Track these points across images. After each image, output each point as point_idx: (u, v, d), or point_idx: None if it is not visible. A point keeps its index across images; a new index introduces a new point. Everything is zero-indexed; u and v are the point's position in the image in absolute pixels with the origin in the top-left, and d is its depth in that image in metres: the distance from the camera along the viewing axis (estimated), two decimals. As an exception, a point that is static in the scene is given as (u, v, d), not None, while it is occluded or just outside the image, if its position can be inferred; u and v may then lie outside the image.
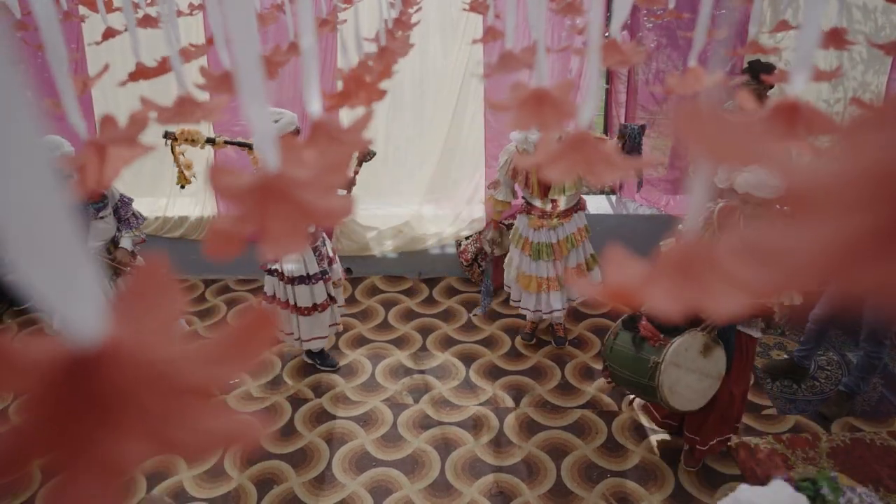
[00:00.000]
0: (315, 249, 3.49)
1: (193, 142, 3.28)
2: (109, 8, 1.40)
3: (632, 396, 3.58)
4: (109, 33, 1.19)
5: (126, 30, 0.93)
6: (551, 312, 3.87)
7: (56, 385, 0.27)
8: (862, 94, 4.04)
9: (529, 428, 3.45)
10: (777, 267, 0.26)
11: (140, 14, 1.39)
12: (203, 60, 4.11)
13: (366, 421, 3.54)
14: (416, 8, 1.70)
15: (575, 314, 4.40)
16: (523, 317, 4.42)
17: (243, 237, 0.41)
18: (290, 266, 3.44)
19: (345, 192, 3.55)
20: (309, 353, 3.93)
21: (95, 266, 0.28)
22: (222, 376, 0.29)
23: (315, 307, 3.54)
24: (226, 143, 3.32)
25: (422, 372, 3.91)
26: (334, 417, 3.57)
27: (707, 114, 0.36)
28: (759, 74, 3.36)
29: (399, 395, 3.73)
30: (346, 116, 3.72)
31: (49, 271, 0.27)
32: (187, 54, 0.96)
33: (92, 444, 0.26)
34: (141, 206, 4.91)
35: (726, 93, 3.13)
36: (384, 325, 4.34)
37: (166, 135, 3.47)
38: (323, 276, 3.54)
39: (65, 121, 0.55)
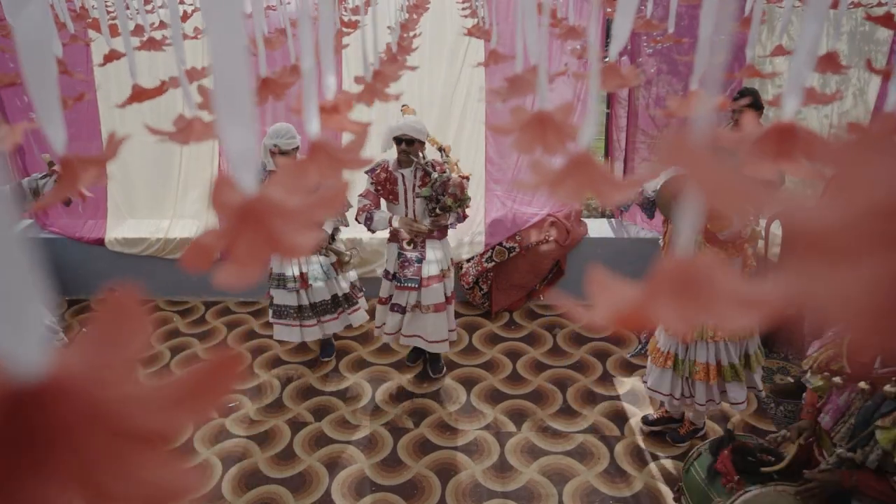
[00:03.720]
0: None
1: None
2: (114, 32, 1.42)
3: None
4: (112, 56, 1.20)
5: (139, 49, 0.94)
6: (706, 403, 3.06)
7: None
8: (845, 96, 4.04)
9: (531, 452, 3.41)
10: (792, 287, 0.26)
11: (145, 37, 1.41)
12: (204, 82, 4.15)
13: (366, 445, 3.51)
14: (414, 33, 1.72)
15: (576, 337, 4.38)
16: (526, 339, 4.42)
17: (215, 255, 0.39)
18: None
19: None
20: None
21: (40, 297, 0.27)
22: (173, 422, 0.27)
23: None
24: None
25: (422, 395, 3.89)
26: (334, 441, 3.54)
27: (695, 147, 0.36)
28: (753, 99, 3.40)
29: (399, 418, 3.70)
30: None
31: None
32: (190, 75, 0.97)
33: (16, 486, 0.24)
34: (143, 227, 4.95)
35: (721, 117, 3.09)
36: (385, 349, 4.31)
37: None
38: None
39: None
